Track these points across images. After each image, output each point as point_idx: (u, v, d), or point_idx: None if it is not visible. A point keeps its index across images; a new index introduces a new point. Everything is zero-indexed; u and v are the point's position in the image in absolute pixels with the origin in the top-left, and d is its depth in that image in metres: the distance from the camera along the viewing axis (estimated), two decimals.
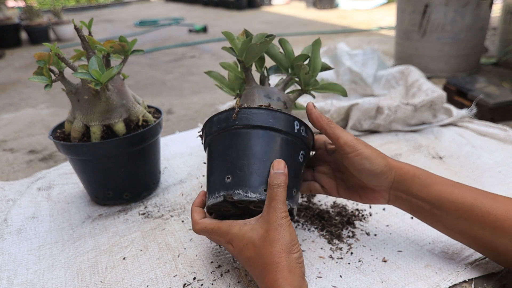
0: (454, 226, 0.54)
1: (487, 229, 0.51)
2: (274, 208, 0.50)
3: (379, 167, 0.54)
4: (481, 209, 0.51)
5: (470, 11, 1.50)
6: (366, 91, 1.32)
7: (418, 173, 0.55)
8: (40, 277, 0.62)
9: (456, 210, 0.52)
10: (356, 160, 0.54)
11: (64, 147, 0.71)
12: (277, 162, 0.52)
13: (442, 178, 0.55)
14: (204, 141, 0.61)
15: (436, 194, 0.53)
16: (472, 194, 0.53)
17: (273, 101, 0.62)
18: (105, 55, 0.71)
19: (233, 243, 0.52)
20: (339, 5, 4.62)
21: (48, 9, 4.99)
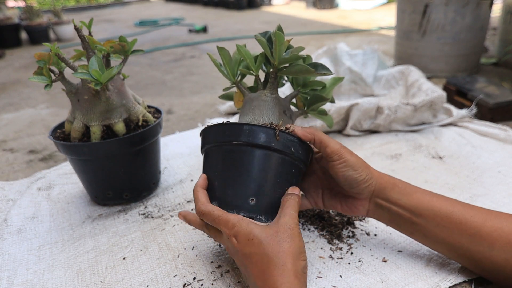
0: (433, 234, 0.54)
1: (465, 236, 0.52)
2: (286, 213, 0.51)
3: (361, 175, 0.56)
4: (458, 216, 0.53)
5: (470, 11, 1.50)
6: (366, 91, 1.32)
7: (398, 183, 0.57)
8: (40, 277, 0.62)
9: (434, 217, 0.54)
10: (340, 167, 0.56)
11: (64, 147, 0.71)
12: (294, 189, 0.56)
13: (421, 188, 0.57)
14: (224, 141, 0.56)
15: (415, 202, 0.55)
16: (450, 202, 0.55)
17: (287, 118, 0.61)
18: (105, 55, 0.71)
19: (238, 236, 0.49)
20: (339, 5, 4.62)
21: (48, 9, 4.99)
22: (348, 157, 0.55)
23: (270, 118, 0.58)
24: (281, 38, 0.54)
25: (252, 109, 0.59)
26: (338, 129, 1.09)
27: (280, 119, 0.59)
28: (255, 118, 0.58)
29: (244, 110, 0.61)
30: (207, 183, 0.57)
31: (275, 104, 0.59)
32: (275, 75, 0.59)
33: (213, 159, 0.57)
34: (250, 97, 0.61)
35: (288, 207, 0.52)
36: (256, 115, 0.58)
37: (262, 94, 0.60)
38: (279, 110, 0.59)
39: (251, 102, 0.60)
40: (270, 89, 0.60)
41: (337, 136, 1.07)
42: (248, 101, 0.61)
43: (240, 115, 0.62)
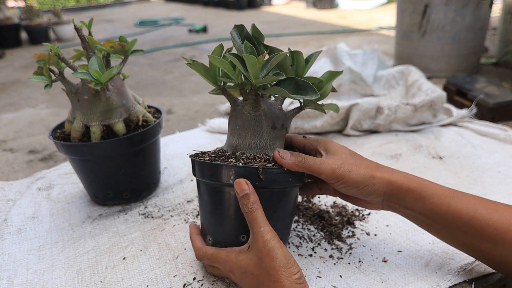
0: (452, 237, 0.52)
1: (487, 241, 0.49)
2: (257, 234, 0.48)
3: (366, 189, 0.53)
4: (480, 222, 0.49)
5: (470, 11, 1.50)
6: (366, 91, 1.32)
7: (413, 186, 0.52)
8: (40, 277, 0.62)
9: (454, 223, 0.50)
10: (341, 188, 0.54)
11: (64, 147, 0.71)
12: (238, 184, 0.49)
13: (439, 188, 0.52)
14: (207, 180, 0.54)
15: (432, 207, 0.51)
16: (471, 205, 0.50)
17: (278, 131, 0.56)
18: (105, 55, 0.71)
19: (233, 271, 0.51)
20: (339, 5, 4.62)
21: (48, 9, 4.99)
22: (347, 177, 0.52)
23: (256, 141, 0.54)
24: (252, 60, 0.46)
25: (237, 129, 0.55)
26: (338, 129, 1.09)
27: (269, 138, 0.54)
28: (241, 141, 0.54)
29: (231, 126, 0.57)
30: (198, 229, 0.60)
31: (261, 121, 0.54)
32: (256, 93, 0.52)
33: (202, 193, 0.57)
34: (236, 110, 0.56)
35: (254, 226, 0.48)
36: (242, 138, 0.54)
37: (245, 111, 0.54)
38: (267, 125, 0.54)
39: (236, 118, 0.55)
40: (252, 105, 0.53)
41: (337, 136, 1.07)
42: (234, 116, 0.56)
43: (228, 130, 0.58)
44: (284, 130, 0.57)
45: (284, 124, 0.57)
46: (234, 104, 0.56)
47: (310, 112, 1.07)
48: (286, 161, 0.51)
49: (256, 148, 0.54)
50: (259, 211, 0.49)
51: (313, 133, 1.09)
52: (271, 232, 0.48)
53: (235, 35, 0.52)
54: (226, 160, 0.52)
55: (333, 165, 0.52)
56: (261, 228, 0.48)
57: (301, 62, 0.52)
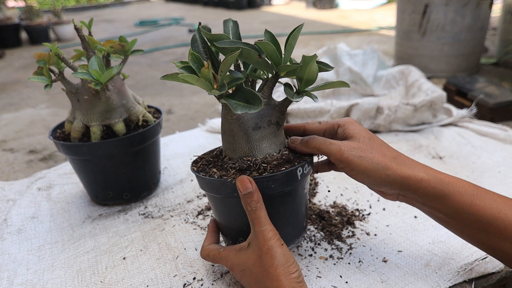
0: (471, 235, 0.49)
1: (508, 242, 0.46)
2: (258, 232, 0.48)
3: (378, 179, 0.50)
4: (504, 222, 0.46)
5: (470, 11, 1.50)
6: (366, 91, 1.32)
7: (434, 183, 0.48)
8: (40, 277, 0.62)
9: (475, 222, 0.47)
10: (351, 174, 0.51)
11: (64, 147, 0.71)
12: (240, 181, 0.48)
13: (462, 185, 0.49)
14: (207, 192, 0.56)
15: (453, 205, 0.48)
16: (496, 205, 0.47)
17: (265, 130, 0.52)
18: (105, 55, 0.71)
19: (234, 268, 0.52)
20: (339, 5, 4.62)
21: (48, 9, 4.99)
22: (357, 162, 0.49)
23: (238, 145, 0.52)
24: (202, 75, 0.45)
25: (223, 133, 0.55)
26: None
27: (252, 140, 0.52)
28: (227, 146, 0.54)
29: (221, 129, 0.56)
30: (216, 226, 0.60)
31: (238, 125, 0.51)
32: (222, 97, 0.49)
33: (208, 196, 0.59)
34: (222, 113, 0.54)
35: (256, 224, 0.48)
36: (226, 143, 0.54)
37: (223, 116, 0.53)
38: (248, 128, 0.51)
39: (222, 122, 0.54)
40: (227, 111, 0.51)
41: None
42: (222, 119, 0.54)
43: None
44: (273, 126, 0.53)
45: (272, 120, 0.53)
46: None
47: (310, 112, 1.07)
48: (297, 146, 0.53)
49: (240, 152, 0.53)
50: (262, 210, 0.48)
51: None
52: (272, 231, 0.48)
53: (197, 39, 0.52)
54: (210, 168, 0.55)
55: (342, 147, 0.49)
56: (263, 227, 0.48)
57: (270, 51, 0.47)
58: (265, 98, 0.52)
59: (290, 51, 0.49)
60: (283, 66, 0.48)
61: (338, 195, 0.78)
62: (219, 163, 0.55)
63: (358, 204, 0.76)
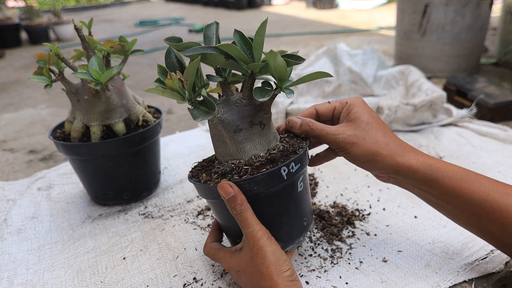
0: (461, 217, 0.52)
1: (497, 224, 0.48)
2: (247, 234, 0.48)
3: (369, 165, 0.53)
4: (492, 205, 0.48)
5: (470, 11, 1.50)
6: (366, 91, 1.32)
7: (423, 168, 0.51)
8: (40, 277, 0.62)
9: (464, 205, 0.50)
10: (346, 158, 0.54)
11: (64, 147, 0.71)
12: (221, 188, 0.48)
13: (451, 170, 0.50)
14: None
15: (443, 189, 0.50)
16: (484, 189, 0.49)
17: (247, 131, 0.51)
18: (105, 55, 0.71)
19: (230, 270, 0.53)
20: (339, 5, 4.62)
21: (48, 9, 4.99)
22: (349, 149, 0.52)
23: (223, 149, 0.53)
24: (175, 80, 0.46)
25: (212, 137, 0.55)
26: None
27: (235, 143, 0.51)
28: (215, 150, 0.55)
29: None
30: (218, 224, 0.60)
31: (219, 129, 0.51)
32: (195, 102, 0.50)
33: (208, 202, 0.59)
34: None
35: (244, 226, 0.48)
36: (214, 147, 0.55)
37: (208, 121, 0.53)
38: (229, 131, 0.51)
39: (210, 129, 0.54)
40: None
41: None
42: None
43: None
44: (257, 127, 0.51)
45: (254, 121, 0.51)
46: None
47: None
48: (296, 130, 0.55)
49: (227, 156, 0.52)
50: (248, 211, 0.48)
51: None
52: (261, 231, 0.48)
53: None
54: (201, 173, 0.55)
55: (337, 135, 0.52)
56: (251, 228, 0.48)
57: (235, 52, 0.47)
58: (245, 99, 0.51)
59: (258, 48, 0.48)
60: (252, 65, 0.48)
61: (338, 195, 0.79)
62: (209, 168, 0.55)
63: (358, 204, 0.76)
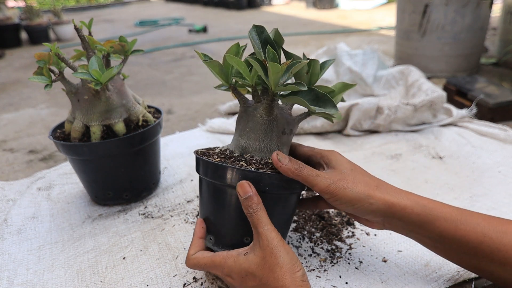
0: (459, 259, 0.50)
1: (497, 264, 0.47)
2: (261, 233, 0.48)
3: (362, 208, 0.51)
4: (490, 246, 0.47)
5: (470, 11, 1.50)
6: (366, 91, 1.32)
7: (417, 210, 0.50)
8: (40, 277, 0.62)
9: (461, 247, 0.48)
10: (336, 204, 0.52)
11: (64, 147, 0.71)
12: (240, 186, 0.49)
13: (446, 211, 0.50)
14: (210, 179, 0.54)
15: (439, 231, 0.49)
16: (480, 229, 0.48)
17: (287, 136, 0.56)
18: (105, 55, 0.71)
19: (232, 275, 0.50)
20: (339, 5, 4.62)
21: (48, 9, 4.99)
22: (341, 193, 0.50)
23: (266, 145, 0.54)
24: (275, 68, 0.45)
25: (248, 131, 0.54)
26: (338, 129, 1.09)
27: (279, 143, 0.54)
28: (250, 144, 0.54)
29: (241, 127, 0.56)
30: (203, 231, 0.57)
31: (273, 126, 0.53)
32: (272, 99, 0.52)
33: (205, 191, 0.56)
34: (246, 112, 0.55)
35: (258, 225, 0.48)
36: (252, 140, 0.54)
37: (257, 114, 0.53)
38: (278, 131, 0.54)
39: (247, 120, 0.55)
40: (266, 110, 0.52)
41: (337, 136, 1.07)
42: (244, 117, 0.55)
43: (236, 130, 0.57)
44: (291, 135, 0.57)
45: (293, 130, 0.56)
46: (245, 105, 0.55)
47: None
48: (283, 166, 0.50)
49: (265, 152, 0.54)
50: (263, 211, 0.49)
51: (313, 133, 1.09)
52: (274, 231, 0.48)
53: (254, 36, 0.51)
54: (236, 163, 0.52)
55: (328, 180, 0.50)
56: (265, 227, 0.48)
57: (316, 70, 0.52)
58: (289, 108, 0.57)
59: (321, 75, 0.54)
60: None
61: None
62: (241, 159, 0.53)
63: None
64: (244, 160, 0.53)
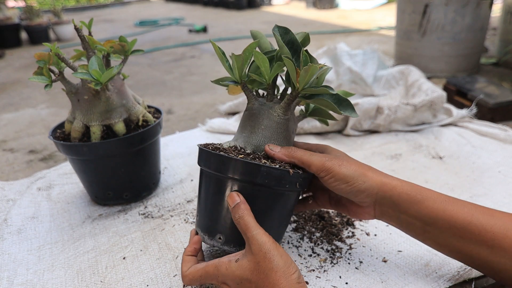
0: (449, 244, 0.50)
1: (484, 247, 0.47)
2: (251, 238, 0.48)
3: (357, 186, 0.52)
4: (477, 226, 0.48)
5: (470, 11, 1.50)
6: (366, 91, 1.32)
7: (407, 189, 0.51)
8: (40, 277, 0.62)
9: (450, 228, 0.49)
10: (330, 182, 0.52)
11: (64, 147, 0.71)
12: (229, 197, 0.51)
13: (433, 193, 0.52)
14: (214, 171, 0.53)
15: (428, 211, 0.50)
16: (468, 210, 0.49)
17: (293, 135, 0.58)
18: (105, 55, 0.71)
19: (227, 282, 0.50)
20: (339, 5, 4.62)
21: (48, 9, 4.99)
22: (337, 170, 0.51)
23: (281, 143, 0.55)
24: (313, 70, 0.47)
25: (263, 129, 0.54)
26: (338, 129, 1.09)
27: (289, 142, 0.56)
28: (264, 141, 0.54)
29: (251, 124, 0.55)
30: (197, 248, 0.57)
31: (287, 126, 0.55)
32: (294, 99, 0.53)
33: (202, 183, 0.57)
34: (259, 109, 0.55)
35: (247, 230, 0.48)
36: (267, 138, 0.54)
37: (274, 112, 0.54)
38: (290, 130, 0.56)
39: (261, 118, 0.55)
40: (284, 109, 0.54)
41: (337, 136, 1.07)
42: (256, 114, 0.55)
43: (246, 128, 0.56)
44: (294, 135, 0.59)
45: (294, 131, 0.59)
46: (256, 103, 0.56)
47: None
48: (276, 153, 0.53)
49: None
50: (249, 216, 0.49)
51: (313, 133, 1.09)
52: (265, 235, 0.48)
53: (278, 35, 0.52)
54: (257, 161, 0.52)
55: (323, 158, 0.53)
56: (254, 232, 0.48)
57: (324, 74, 0.53)
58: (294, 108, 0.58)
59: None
60: None
61: None
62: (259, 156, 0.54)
63: None
64: (263, 156, 0.54)
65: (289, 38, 0.53)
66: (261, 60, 0.51)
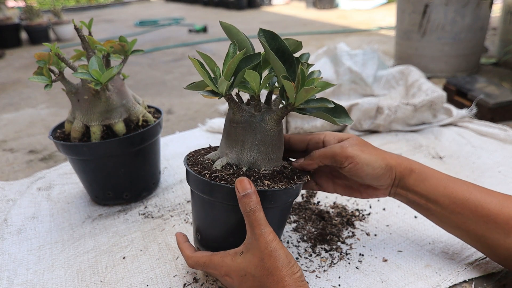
0: (449, 220, 0.55)
1: (480, 223, 0.52)
2: (258, 234, 0.47)
3: (380, 170, 0.54)
4: (474, 202, 0.52)
5: (470, 11, 1.50)
6: (366, 91, 1.32)
7: (415, 167, 0.56)
8: (40, 277, 0.62)
9: (450, 204, 0.53)
10: (356, 169, 0.54)
11: (64, 147, 0.71)
12: (240, 182, 0.48)
13: (438, 172, 0.56)
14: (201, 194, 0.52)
15: (431, 189, 0.54)
16: (466, 188, 0.54)
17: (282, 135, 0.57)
18: (105, 55, 0.71)
19: (230, 275, 0.50)
20: (339, 5, 4.62)
21: (48, 9, 4.99)
22: (361, 155, 0.53)
23: (276, 155, 0.53)
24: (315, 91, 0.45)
25: (257, 144, 0.51)
26: (338, 129, 1.09)
27: (283, 149, 0.56)
28: (261, 156, 0.52)
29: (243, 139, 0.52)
30: (185, 237, 0.58)
31: (280, 136, 0.54)
32: (289, 111, 0.50)
33: (195, 202, 0.56)
34: (249, 122, 0.51)
35: (256, 226, 0.48)
36: (262, 153, 0.52)
37: (267, 126, 0.51)
38: (282, 138, 0.55)
39: (253, 132, 0.51)
40: (277, 122, 0.51)
41: None
42: (246, 128, 0.51)
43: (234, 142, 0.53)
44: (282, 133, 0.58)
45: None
46: (245, 114, 0.51)
47: None
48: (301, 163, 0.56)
49: (274, 161, 0.54)
50: (261, 212, 0.48)
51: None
52: (272, 234, 0.48)
53: (265, 44, 0.47)
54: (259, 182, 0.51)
55: (344, 145, 0.54)
56: (263, 230, 0.48)
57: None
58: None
59: None
60: None
61: (338, 196, 0.78)
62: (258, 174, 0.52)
63: (358, 204, 0.76)
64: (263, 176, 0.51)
65: (277, 45, 0.48)
66: (253, 77, 0.47)
